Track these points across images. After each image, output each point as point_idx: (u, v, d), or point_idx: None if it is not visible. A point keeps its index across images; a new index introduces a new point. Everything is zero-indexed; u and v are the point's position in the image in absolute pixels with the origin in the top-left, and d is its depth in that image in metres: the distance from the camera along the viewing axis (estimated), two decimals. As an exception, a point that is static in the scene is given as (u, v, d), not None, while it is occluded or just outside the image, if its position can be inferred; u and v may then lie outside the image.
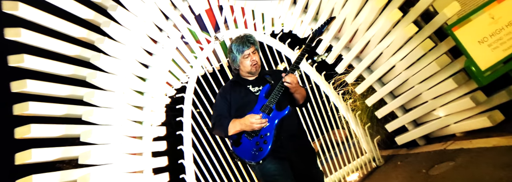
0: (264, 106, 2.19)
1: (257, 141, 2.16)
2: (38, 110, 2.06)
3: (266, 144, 2.12)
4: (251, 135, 2.18)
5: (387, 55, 3.22)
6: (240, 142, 2.21)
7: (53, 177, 2.01)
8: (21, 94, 2.10)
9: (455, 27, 2.43)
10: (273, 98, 2.18)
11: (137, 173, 2.73)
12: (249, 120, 2.11)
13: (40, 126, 2.00)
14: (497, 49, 2.35)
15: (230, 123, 2.20)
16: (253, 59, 2.34)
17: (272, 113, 2.17)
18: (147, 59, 3.06)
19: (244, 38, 2.37)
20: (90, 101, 2.36)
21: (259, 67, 2.40)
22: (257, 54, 2.40)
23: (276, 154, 2.16)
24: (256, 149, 2.14)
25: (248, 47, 2.33)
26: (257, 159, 2.12)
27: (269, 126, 2.15)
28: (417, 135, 3.40)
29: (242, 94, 2.35)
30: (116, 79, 2.62)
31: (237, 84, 2.42)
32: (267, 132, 2.14)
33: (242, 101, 2.32)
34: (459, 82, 2.73)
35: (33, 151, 1.93)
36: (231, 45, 2.39)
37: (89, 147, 2.28)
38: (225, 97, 2.39)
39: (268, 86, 2.30)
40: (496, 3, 2.30)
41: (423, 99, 3.17)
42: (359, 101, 4.42)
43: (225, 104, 2.37)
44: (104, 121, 2.44)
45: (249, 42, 2.34)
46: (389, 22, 2.90)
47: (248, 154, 2.16)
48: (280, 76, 2.37)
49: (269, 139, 2.13)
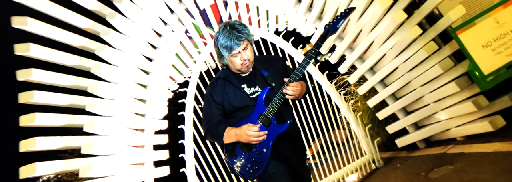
0: (262, 115, 2.02)
1: (253, 157, 2.05)
2: (43, 99, 2.14)
3: (262, 163, 2.02)
4: (248, 148, 2.06)
5: (390, 57, 3.30)
6: (235, 153, 2.10)
7: (56, 166, 2.09)
8: (26, 84, 2.18)
9: (460, 30, 2.50)
10: (273, 108, 2.00)
11: (138, 165, 2.82)
12: (246, 132, 1.95)
13: (44, 115, 2.09)
14: (501, 54, 2.42)
15: (225, 132, 2.03)
16: (244, 58, 2.03)
17: (270, 125, 2.02)
18: (151, 52, 3.14)
19: (233, 33, 1.99)
20: (94, 92, 2.43)
21: (252, 64, 2.12)
22: (250, 49, 2.08)
23: (274, 155, 2.09)
24: (251, 166, 2.05)
25: (238, 45, 1.99)
26: (252, 176, 2.05)
27: (266, 141, 2.01)
28: (418, 138, 3.48)
29: (237, 96, 2.12)
30: (120, 71, 2.70)
31: (229, 84, 2.15)
32: (264, 148, 2.02)
33: (236, 105, 2.11)
34: (462, 86, 2.81)
35: (37, 139, 2.01)
36: (217, 38, 2.03)
37: (92, 137, 2.36)
38: (215, 100, 2.15)
39: (268, 90, 2.06)
40: (502, 8, 2.37)
41: (425, 102, 3.25)
42: (360, 101, 4.50)
43: (215, 107, 2.15)
44: (107, 113, 2.51)
45: (239, 37, 1.99)
46: (393, 24, 2.98)
47: (243, 171, 2.08)
48: (278, 65, 2.23)
49: (265, 157, 2.02)
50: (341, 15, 2.06)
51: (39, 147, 2.04)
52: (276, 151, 2.06)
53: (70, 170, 2.23)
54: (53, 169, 2.10)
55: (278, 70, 2.19)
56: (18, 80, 2.11)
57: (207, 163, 3.80)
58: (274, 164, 2.12)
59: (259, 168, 2.03)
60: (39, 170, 2.01)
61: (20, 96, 2.08)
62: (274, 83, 2.09)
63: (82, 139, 2.31)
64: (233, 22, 2.04)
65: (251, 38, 2.08)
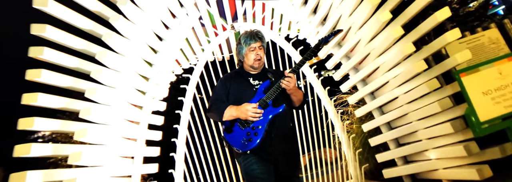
0: (261, 99, 2.41)
1: (249, 131, 2.37)
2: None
3: (256, 136, 2.32)
4: (244, 125, 2.39)
5: (392, 85, 3.28)
6: (232, 130, 2.42)
7: (53, 124, 2.37)
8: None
9: (463, 73, 2.48)
10: (271, 94, 2.40)
11: (131, 140, 3.14)
12: (245, 107, 2.33)
13: (50, 73, 2.35)
14: (499, 104, 2.40)
15: (227, 108, 2.42)
16: (258, 53, 2.61)
17: (267, 108, 2.39)
18: (163, 32, 3.37)
19: (253, 33, 2.65)
20: (101, 60, 2.71)
21: (262, 63, 2.68)
22: (263, 51, 2.67)
23: (264, 155, 2.38)
24: (246, 139, 2.35)
25: (255, 41, 2.61)
26: (245, 148, 2.33)
27: (262, 120, 2.36)
28: (405, 173, 3.46)
29: (242, 84, 2.61)
30: (130, 44, 2.98)
31: (239, 75, 2.69)
32: (259, 125, 2.35)
33: (240, 92, 2.57)
34: (457, 128, 2.78)
35: (39, 95, 2.25)
36: (240, 37, 2.67)
37: (91, 104, 2.67)
38: (226, 84, 2.65)
39: (268, 83, 2.53)
40: (506, 60, 2.35)
41: (418, 137, 3.23)
42: (356, 124, 4.49)
43: (224, 90, 2.63)
44: (111, 82, 2.82)
45: (258, 36, 2.63)
46: (401, 54, 2.96)
47: (238, 142, 2.37)
48: (280, 74, 2.71)
49: (260, 132, 2.33)
50: (327, 36, 2.55)
51: (41, 102, 2.28)
52: (267, 151, 2.38)
53: (66, 131, 2.46)
54: (50, 126, 2.34)
55: (280, 78, 2.51)
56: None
57: (196, 152, 3.96)
58: (263, 164, 2.37)
59: (254, 141, 2.32)
60: (37, 125, 2.22)
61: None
62: (274, 79, 2.57)
63: (81, 103, 2.59)
64: (256, 29, 2.74)
65: (265, 44, 2.70)
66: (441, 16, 2.56)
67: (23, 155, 2.14)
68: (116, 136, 2.87)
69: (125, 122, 3.02)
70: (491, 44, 3.07)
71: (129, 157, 3.11)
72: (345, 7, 3.35)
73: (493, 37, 3.10)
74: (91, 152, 2.53)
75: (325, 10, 3.70)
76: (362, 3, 3.13)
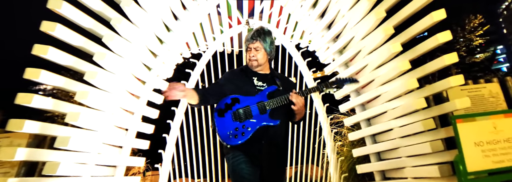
0: (261, 102, 2.44)
1: (238, 127, 2.39)
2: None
3: (243, 136, 2.36)
4: (237, 118, 2.42)
5: (389, 116, 3.29)
6: (224, 115, 2.44)
7: (59, 80, 2.51)
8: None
9: (460, 120, 2.49)
10: (274, 103, 2.43)
11: (129, 113, 3.32)
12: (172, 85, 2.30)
13: (63, 28, 2.49)
14: (488, 158, 2.41)
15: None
16: (251, 55, 2.56)
17: (264, 114, 2.42)
18: (180, 11, 3.49)
19: (254, 32, 2.59)
20: (116, 27, 2.88)
21: (258, 64, 2.61)
22: (261, 52, 2.59)
23: (253, 159, 2.39)
24: (233, 134, 2.38)
25: (252, 42, 2.56)
26: (228, 142, 2.37)
27: (254, 123, 2.39)
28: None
29: (245, 83, 2.59)
30: (147, 17, 3.14)
31: (244, 73, 2.66)
32: (250, 127, 2.39)
33: (241, 89, 2.54)
34: (443, 174, 2.79)
35: (49, 48, 2.38)
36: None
37: (96, 68, 2.82)
38: (225, 83, 2.62)
39: (274, 88, 2.53)
40: (502, 116, 2.37)
41: (404, 174, 3.24)
42: (347, 147, 4.52)
43: (220, 87, 2.60)
44: (120, 51, 2.95)
45: (257, 36, 2.56)
46: (404, 88, 2.98)
47: (224, 132, 2.40)
48: (288, 85, 2.69)
49: (248, 133, 2.36)
50: (345, 79, 2.73)
51: (50, 56, 2.40)
52: (256, 156, 2.39)
53: (69, 89, 2.58)
54: (55, 82, 2.45)
55: (288, 90, 2.55)
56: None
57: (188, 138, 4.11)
58: (251, 166, 2.39)
59: (238, 139, 2.36)
60: (42, 77, 2.33)
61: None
62: (281, 88, 2.57)
63: (87, 65, 2.75)
64: (264, 27, 2.64)
65: (267, 46, 2.59)
66: (449, 60, 2.57)
67: (24, 104, 2.27)
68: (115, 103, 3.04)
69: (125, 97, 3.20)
70: (491, 98, 3.09)
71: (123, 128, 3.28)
72: (359, 30, 3.36)
73: (494, 91, 3.11)
74: (88, 115, 2.63)
75: (339, 28, 3.71)
76: (376, 30, 3.14)
